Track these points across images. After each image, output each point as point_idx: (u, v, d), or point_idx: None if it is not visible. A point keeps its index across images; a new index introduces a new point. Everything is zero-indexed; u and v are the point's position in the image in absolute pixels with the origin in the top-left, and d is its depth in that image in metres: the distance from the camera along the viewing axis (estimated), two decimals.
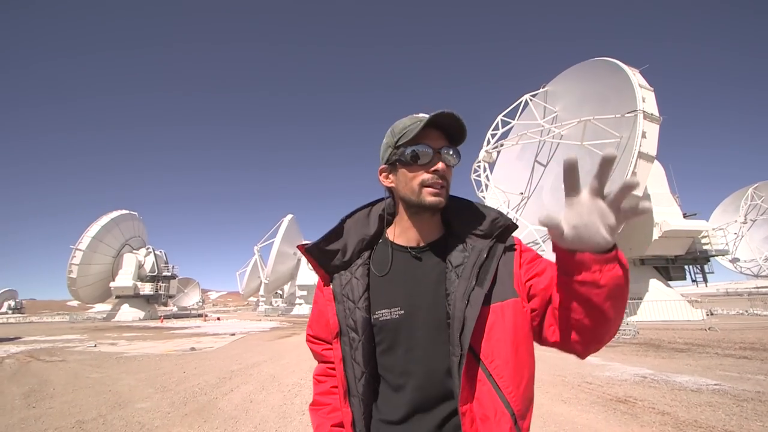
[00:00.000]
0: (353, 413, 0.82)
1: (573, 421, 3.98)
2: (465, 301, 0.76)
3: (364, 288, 0.86)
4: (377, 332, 0.83)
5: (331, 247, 0.93)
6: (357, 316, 0.83)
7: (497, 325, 0.77)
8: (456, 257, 0.84)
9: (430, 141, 0.84)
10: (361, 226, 0.96)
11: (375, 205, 1.00)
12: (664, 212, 17.21)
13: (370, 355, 0.83)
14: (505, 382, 0.74)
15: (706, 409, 4.23)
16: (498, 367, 0.74)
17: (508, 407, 0.72)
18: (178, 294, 51.92)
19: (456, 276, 0.81)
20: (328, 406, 0.92)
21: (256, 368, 7.81)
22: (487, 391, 0.73)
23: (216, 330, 20.24)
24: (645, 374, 6.17)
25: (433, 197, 0.83)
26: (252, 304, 68.95)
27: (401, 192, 0.89)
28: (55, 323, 35.04)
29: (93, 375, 7.46)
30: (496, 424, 0.71)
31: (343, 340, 0.85)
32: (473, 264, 0.81)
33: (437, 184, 0.84)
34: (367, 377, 0.82)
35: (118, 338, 16.33)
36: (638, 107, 14.32)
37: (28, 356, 10.73)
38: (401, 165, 0.87)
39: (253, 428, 4.01)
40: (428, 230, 0.91)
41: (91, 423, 4.31)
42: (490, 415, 0.72)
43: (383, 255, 0.91)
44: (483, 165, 19.74)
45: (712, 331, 11.82)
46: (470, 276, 0.79)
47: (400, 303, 0.83)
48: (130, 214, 40.06)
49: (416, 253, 0.89)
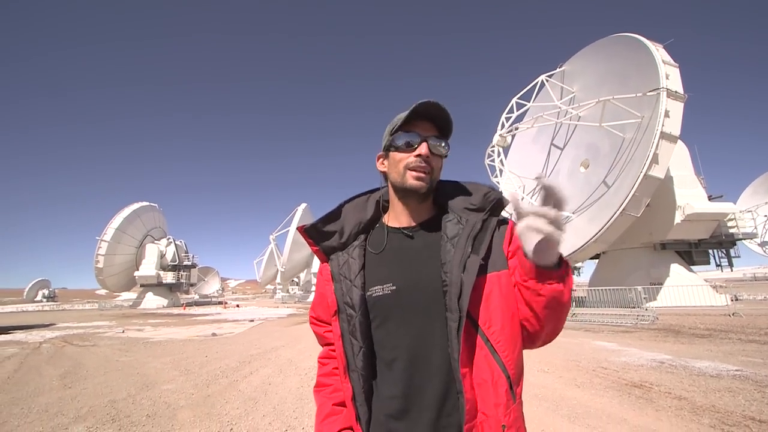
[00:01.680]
0: (353, 387, 0.84)
1: (586, 404, 3.98)
2: (461, 267, 0.79)
3: (359, 267, 0.89)
4: (371, 308, 0.86)
5: (329, 228, 0.97)
6: (353, 293, 0.86)
7: (494, 293, 0.79)
8: (451, 229, 0.87)
9: (419, 129, 0.88)
10: (359, 211, 0.99)
11: (373, 193, 1.04)
12: (687, 195, 16.50)
13: (366, 330, 0.85)
14: (501, 347, 0.76)
15: (725, 395, 4.15)
16: (495, 332, 0.77)
17: (505, 371, 0.75)
18: (198, 282, 53.61)
19: (452, 246, 0.84)
20: (330, 386, 0.95)
21: (274, 353, 8.08)
22: (485, 355, 0.76)
23: (235, 316, 20.95)
24: (662, 360, 6.07)
25: (415, 180, 0.87)
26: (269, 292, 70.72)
27: (391, 176, 0.93)
28: (86, 311, 36.95)
29: (122, 359, 7.89)
30: (493, 387, 0.74)
31: (341, 317, 0.88)
32: (468, 234, 0.84)
33: (420, 168, 0.87)
34: (364, 351, 0.84)
35: (144, 324, 17.12)
36: (661, 85, 13.62)
37: (63, 341, 11.41)
38: (392, 150, 0.91)
39: (271, 409, 4.18)
40: (419, 212, 0.94)
41: (122, 402, 4.59)
42: (488, 378, 0.75)
43: (379, 236, 0.95)
44: (497, 149, 19.30)
45: (736, 317, 11.45)
46: (465, 244, 0.82)
47: (392, 279, 0.86)
48: (151, 205, 41.29)
49: (408, 233, 0.92)
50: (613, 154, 15.70)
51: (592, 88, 17.75)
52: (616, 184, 14.93)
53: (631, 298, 13.80)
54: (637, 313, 11.93)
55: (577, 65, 19.71)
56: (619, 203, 14.05)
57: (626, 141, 14.98)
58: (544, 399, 4.20)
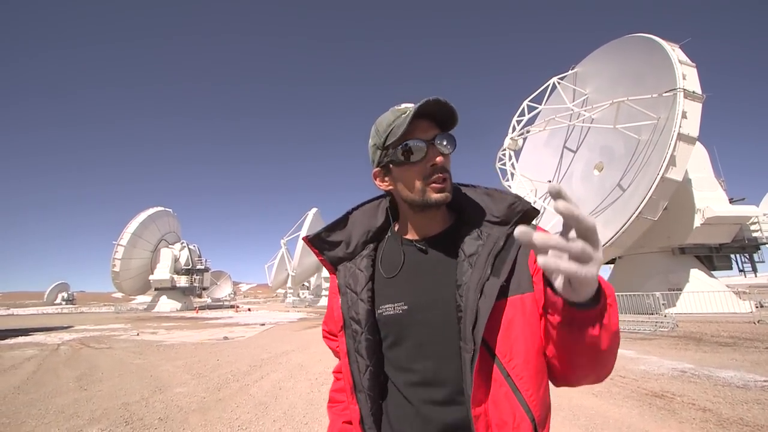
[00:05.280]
0: (360, 409, 0.78)
1: (604, 414, 3.84)
2: (478, 292, 0.69)
3: (366, 279, 0.83)
4: (382, 327, 0.80)
5: (334, 237, 0.91)
6: (359, 308, 0.81)
7: (516, 320, 0.69)
8: (469, 246, 0.77)
9: (420, 133, 0.77)
10: (368, 219, 0.93)
11: (384, 199, 0.96)
12: (707, 198, 15.99)
13: (373, 348, 0.79)
14: (524, 384, 0.66)
15: (754, 407, 3.95)
16: (517, 366, 0.67)
17: (529, 412, 0.65)
18: (211, 286, 54.46)
19: (469, 266, 0.74)
20: (341, 403, 0.91)
21: (284, 357, 8.09)
22: (505, 393, 0.66)
23: (247, 320, 21.11)
24: (684, 368, 5.84)
25: (438, 194, 0.78)
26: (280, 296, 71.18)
27: (402, 194, 0.83)
28: (102, 314, 37.85)
29: (136, 361, 8.02)
30: (515, 431, 0.64)
31: (347, 332, 0.82)
32: (488, 253, 0.74)
33: (439, 179, 0.77)
34: (371, 371, 0.78)
35: (157, 328, 17.41)
36: (678, 85, 13.29)
37: (80, 343, 11.68)
38: (395, 166, 0.81)
39: (282, 414, 4.16)
40: (435, 223, 0.85)
41: (135, 405, 4.64)
42: (509, 420, 0.65)
43: (393, 250, 0.87)
44: (508, 153, 19.10)
45: (761, 324, 10.98)
46: (485, 265, 0.72)
47: (403, 298, 0.79)
48: (165, 210, 42.21)
49: (422, 246, 0.84)
50: (629, 156, 15.35)
51: (605, 90, 17.43)
52: (632, 187, 14.58)
53: (648, 304, 13.40)
54: (656, 319, 11.54)
55: (589, 67, 19.41)
56: (635, 207, 13.69)
57: (642, 143, 14.64)
58: (560, 408, 4.07)
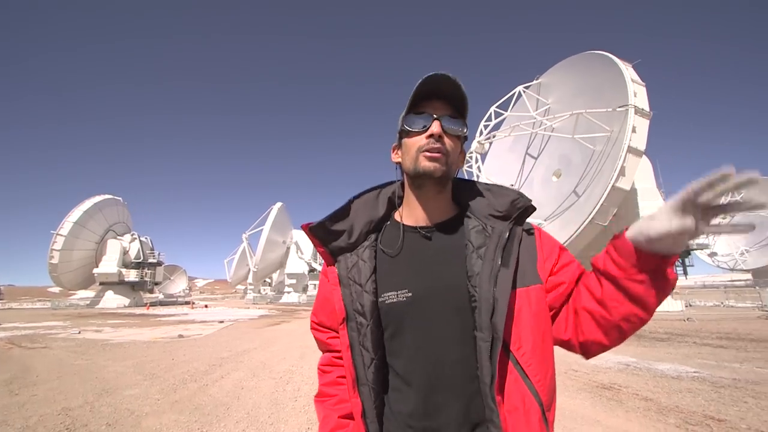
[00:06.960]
0: (363, 403, 0.77)
1: (560, 407, 4.08)
2: (492, 281, 0.72)
3: (371, 270, 0.81)
4: (384, 316, 0.78)
5: (337, 227, 0.88)
6: (364, 299, 0.79)
7: (524, 310, 0.73)
8: (476, 238, 0.79)
9: (430, 109, 0.81)
10: (370, 208, 0.91)
11: (385, 188, 0.95)
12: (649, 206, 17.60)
13: (379, 340, 0.78)
14: (533, 370, 0.70)
15: (687, 396, 4.40)
16: (526, 354, 0.70)
17: (537, 397, 0.69)
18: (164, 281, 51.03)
19: (478, 257, 0.76)
20: (334, 397, 0.87)
21: (246, 355, 7.78)
22: (515, 380, 0.69)
23: (204, 317, 20.08)
24: (628, 362, 6.38)
25: (428, 162, 0.79)
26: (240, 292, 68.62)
27: (404, 164, 0.86)
28: (36, 310, 34.20)
29: (78, 362, 7.32)
30: (524, 415, 0.68)
31: (350, 325, 0.80)
32: (496, 245, 0.76)
33: (433, 149, 0.79)
34: (376, 364, 0.77)
35: (102, 325, 16.03)
36: (629, 102, 14.44)
37: (9, 343, 10.45)
38: (404, 136, 0.85)
39: (245, 414, 3.99)
40: (437, 209, 0.86)
41: (78, 410, 4.23)
42: (519, 405, 0.68)
43: (393, 235, 0.86)
44: (475, 155, 19.73)
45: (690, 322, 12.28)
46: (494, 257, 0.74)
47: (408, 285, 0.78)
48: (114, 199, 38.99)
49: (426, 233, 0.84)
50: (584, 165, 16.44)
51: (566, 101, 18.53)
52: (586, 194, 15.63)
53: None
54: None
55: (553, 78, 20.53)
56: (588, 212, 14.72)
57: (596, 153, 15.74)
58: None
